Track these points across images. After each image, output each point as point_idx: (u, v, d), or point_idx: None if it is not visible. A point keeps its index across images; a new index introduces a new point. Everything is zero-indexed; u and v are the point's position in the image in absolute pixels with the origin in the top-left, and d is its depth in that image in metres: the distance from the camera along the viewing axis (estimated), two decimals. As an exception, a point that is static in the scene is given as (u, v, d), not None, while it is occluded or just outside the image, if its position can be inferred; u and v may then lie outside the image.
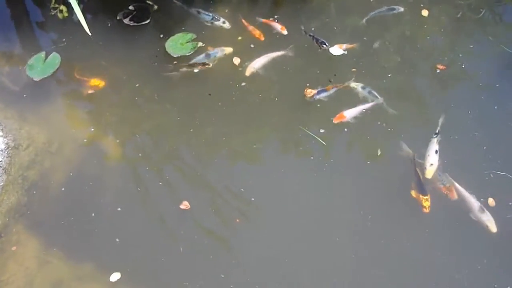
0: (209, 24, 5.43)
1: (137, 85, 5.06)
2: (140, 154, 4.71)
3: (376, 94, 4.94)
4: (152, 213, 4.39)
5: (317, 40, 5.20)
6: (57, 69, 5.04)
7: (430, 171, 4.47)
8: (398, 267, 4.17)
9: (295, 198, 4.50)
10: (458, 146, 4.73)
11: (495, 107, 5.00)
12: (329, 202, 4.46)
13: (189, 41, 5.21)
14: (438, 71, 5.25)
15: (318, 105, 4.95)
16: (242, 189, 4.50)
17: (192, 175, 4.61)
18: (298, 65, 5.25)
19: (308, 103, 4.95)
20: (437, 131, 4.69)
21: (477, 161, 4.65)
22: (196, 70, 5.05)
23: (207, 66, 5.04)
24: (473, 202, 4.31)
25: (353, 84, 5.00)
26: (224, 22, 5.36)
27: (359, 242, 4.27)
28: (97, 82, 5.00)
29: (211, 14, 5.42)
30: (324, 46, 5.16)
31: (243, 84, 5.06)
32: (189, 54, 5.13)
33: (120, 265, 4.11)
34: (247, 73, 5.05)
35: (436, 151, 4.55)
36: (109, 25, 5.49)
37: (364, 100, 4.94)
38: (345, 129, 4.81)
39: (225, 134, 4.81)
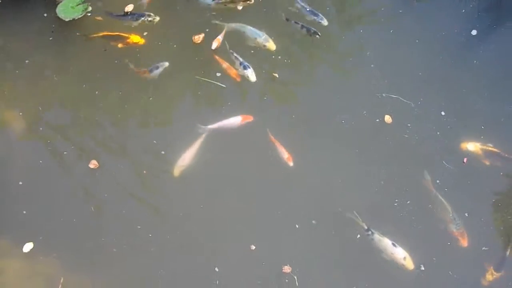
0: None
1: (31, 58, 4.94)
2: (41, 128, 4.65)
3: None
4: (59, 178, 4.40)
5: (308, 30, 4.98)
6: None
7: None
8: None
9: (208, 147, 4.53)
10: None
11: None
12: (242, 145, 4.55)
13: (79, 4, 5.07)
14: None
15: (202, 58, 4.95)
16: (154, 141, 4.56)
17: (99, 136, 4.62)
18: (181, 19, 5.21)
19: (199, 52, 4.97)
20: None
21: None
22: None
23: None
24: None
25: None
26: None
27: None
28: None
29: None
30: (317, 36, 4.95)
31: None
32: (81, 16, 4.99)
33: (31, 235, 4.14)
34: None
35: None
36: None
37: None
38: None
39: (127, 96, 4.79)
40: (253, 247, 4.12)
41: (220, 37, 4.96)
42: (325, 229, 4.20)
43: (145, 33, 5.02)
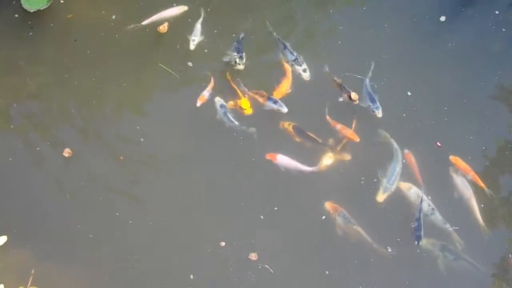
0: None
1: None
2: (13, 118, 4.67)
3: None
4: (32, 169, 4.45)
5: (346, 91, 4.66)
6: None
7: None
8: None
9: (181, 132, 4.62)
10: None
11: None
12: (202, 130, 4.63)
13: (43, -6, 5.03)
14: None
15: (171, 41, 4.98)
16: (137, 127, 4.61)
17: (74, 125, 4.66)
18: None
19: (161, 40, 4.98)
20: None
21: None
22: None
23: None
24: None
25: None
26: None
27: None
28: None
29: None
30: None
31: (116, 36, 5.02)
32: (46, 7, 4.95)
33: (5, 228, 4.17)
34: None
35: None
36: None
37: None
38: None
39: (101, 84, 4.81)
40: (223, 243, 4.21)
41: (206, 93, 4.68)
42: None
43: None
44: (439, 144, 4.43)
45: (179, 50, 4.92)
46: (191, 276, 4.06)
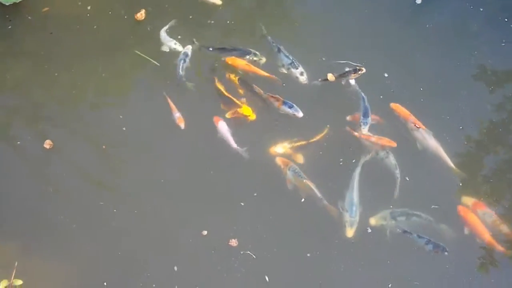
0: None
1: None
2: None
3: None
4: (14, 162, 4.46)
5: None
6: None
7: None
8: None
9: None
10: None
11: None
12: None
13: (18, -14, 5.02)
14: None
15: (149, 28, 5.01)
16: (120, 116, 4.63)
17: (54, 116, 4.68)
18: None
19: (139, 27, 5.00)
20: None
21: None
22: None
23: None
24: None
25: None
26: None
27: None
28: None
29: None
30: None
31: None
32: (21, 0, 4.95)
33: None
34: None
35: None
36: None
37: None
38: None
39: (79, 74, 4.83)
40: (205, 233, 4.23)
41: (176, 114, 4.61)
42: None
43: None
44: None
45: (158, 37, 4.95)
46: (175, 268, 4.08)
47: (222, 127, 4.49)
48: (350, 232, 4.15)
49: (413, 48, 4.97)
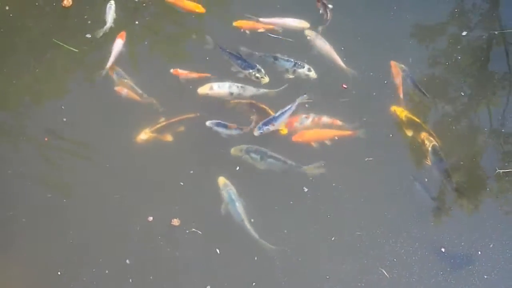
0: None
1: None
2: None
3: None
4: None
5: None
6: None
7: None
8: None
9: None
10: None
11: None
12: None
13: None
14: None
15: (76, 20, 4.99)
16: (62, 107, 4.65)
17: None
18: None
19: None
20: None
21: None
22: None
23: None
24: None
25: None
26: None
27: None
28: None
29: None
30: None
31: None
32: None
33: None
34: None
35: None
36: None
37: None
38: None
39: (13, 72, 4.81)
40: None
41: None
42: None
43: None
44: (344, 86, 4.62)
45: (88, 24, 4.95)
46: (127, 261, 4.14)
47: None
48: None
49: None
